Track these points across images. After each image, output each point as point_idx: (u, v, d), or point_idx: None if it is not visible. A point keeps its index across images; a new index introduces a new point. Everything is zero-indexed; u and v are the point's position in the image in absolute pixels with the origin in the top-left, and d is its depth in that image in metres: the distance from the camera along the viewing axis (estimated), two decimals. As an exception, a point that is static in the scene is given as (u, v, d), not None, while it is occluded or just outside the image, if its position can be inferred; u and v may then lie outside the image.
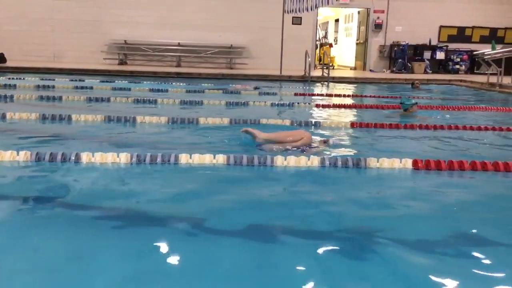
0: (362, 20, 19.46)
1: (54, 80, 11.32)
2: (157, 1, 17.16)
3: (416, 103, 7.24)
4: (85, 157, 3.92)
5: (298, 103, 8.57)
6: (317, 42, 20.24)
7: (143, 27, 17.06)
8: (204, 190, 3.46)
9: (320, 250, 2.48)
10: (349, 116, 7.66)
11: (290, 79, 14.49)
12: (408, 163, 4.06)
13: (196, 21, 17.15)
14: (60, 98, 8.14)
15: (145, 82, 11.91)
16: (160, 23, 17.12)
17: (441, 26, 18.56)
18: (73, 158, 3.90)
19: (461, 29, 18.61)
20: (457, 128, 6.10)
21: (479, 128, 6.14)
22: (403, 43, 18.09)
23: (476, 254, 2.51)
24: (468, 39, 18.66)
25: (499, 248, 2.63)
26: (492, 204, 3.43)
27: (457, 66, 18.52)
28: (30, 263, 2.27)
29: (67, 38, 17.07)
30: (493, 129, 6.16)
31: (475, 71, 18.26)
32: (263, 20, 16.92)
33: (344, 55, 23.53)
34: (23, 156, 3.91)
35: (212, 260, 2.32)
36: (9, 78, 11.52)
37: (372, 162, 4.04)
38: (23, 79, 11.39)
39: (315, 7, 13.97)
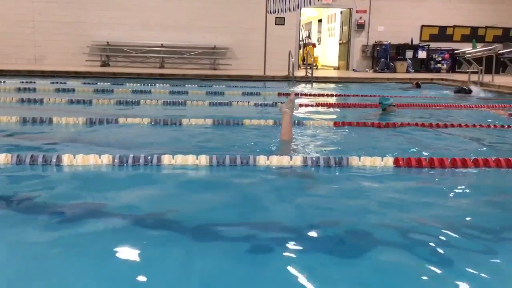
0: (344, 20, 19.58)
1: (35, 82, 11.19)
2: (139, 2, 17.05)
3: (394, 103, 7.23)
4: (66, 159, 3.88)
5: (281, 102, 8.57)
6: (300, 42, 20.31)
7: (125, 28, 16.94)
8: (187, 191, 3.46)
9: (303, 249, 2.49)
10: (332, 115, 7.69)
11: (274, 79, 14.51)
12: (389, 161, 4.10)
13: (179, 22, 17.11)
14: (41, 100, 8.05)
15: (128, 83, 11.84)
16: (143, 24, 17.02)
17: (422, 26, 18.75)
18: (54, 160, 3.86)
19: (442, 28, 18.83)
20: (437, 126, 6.16)
21: (459, 126, 6.21)
22: (386, 42, 18.24)
23: (460, 249, 2.54)
24: (449, 38, 18.88)
25: (485, 242, 2.66)
26: (473, 200, 3.47)
27: (439, 65, 18.74)
28: (10, 266, 2.25)
29: (49, 40, 16.88)
30: (473, 126, 6.24)
31: (456, 70, 18.47)
32: (246, 21, 16.93)
33: (327, 55, 23.65)
34: (3, 158, 3.86)
35: (196, 261, 2.32)
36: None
37: (354, 161, 4.07)
38: (3, 82, 11.24)
39: (298, 8, 14.02)
